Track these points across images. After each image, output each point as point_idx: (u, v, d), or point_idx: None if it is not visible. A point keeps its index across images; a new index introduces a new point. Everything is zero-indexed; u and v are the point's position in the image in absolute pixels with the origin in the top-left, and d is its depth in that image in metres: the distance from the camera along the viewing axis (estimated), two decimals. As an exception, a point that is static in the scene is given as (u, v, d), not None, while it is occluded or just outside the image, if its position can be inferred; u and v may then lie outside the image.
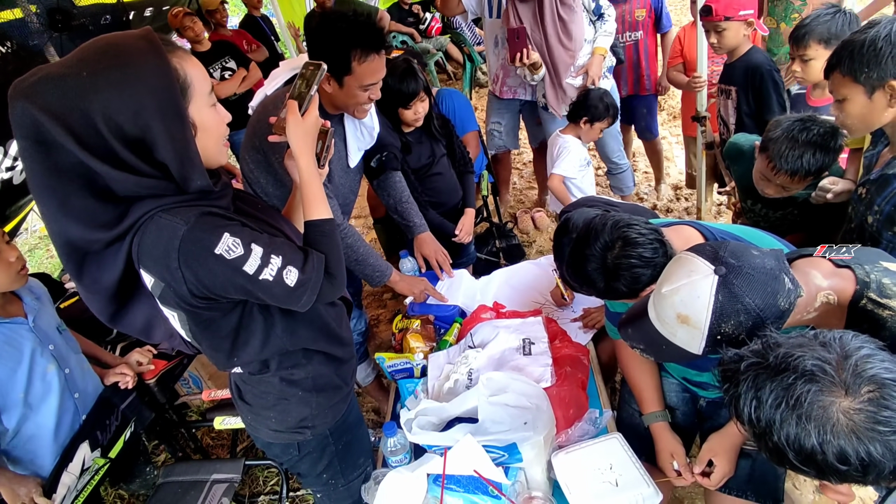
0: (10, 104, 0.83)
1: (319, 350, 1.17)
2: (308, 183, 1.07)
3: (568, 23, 2.52)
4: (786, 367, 0.74)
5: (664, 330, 0.98)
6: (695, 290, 0.92)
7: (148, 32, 0.89)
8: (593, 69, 2.62)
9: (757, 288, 0.88)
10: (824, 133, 1.52)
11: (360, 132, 1.79)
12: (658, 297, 0.99)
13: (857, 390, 0.70)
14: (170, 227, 0.88)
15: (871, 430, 0.68)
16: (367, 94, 1.58)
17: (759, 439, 0.78)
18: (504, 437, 1.31)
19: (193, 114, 0.91)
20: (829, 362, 0.73)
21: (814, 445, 0.71)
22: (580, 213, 1.64)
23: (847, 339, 0.75)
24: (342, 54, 1.49)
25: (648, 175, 3.98)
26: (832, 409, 0.70)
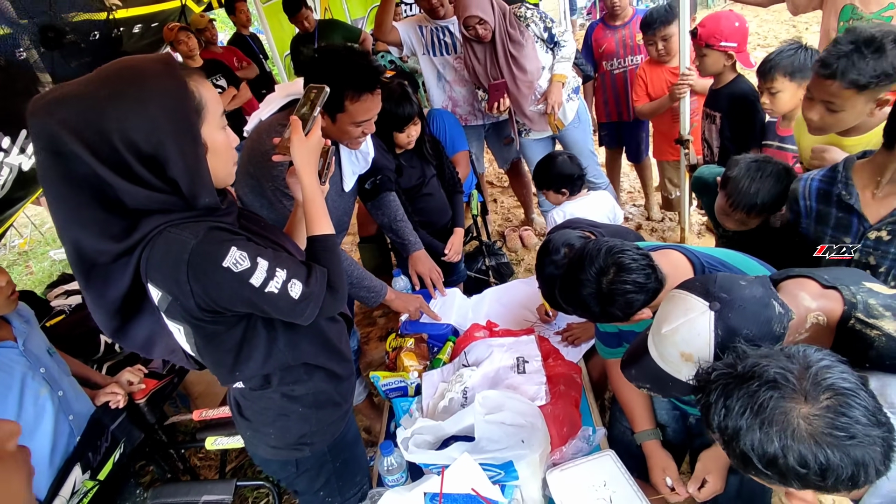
0: (28, 119, 0.86)
1: (320, 366, 1.18)
2: (311, 200, 1.10)
3: (518, 58, 2.66)
4: (752, 375, 0.79)
5: (669, 368, 1.01)
6: (694, 328, 0.95)
7: (167, 56, 0.93)
8: (552, 96, 2.72)
9: (751, 318, 0.92)
10: (777, 173, 1.58)
11: (354, 157, 1.82)
12: (658, 337, 1.02)
13: (817, 397, 0.74)
14: (179, 240, 0.90)
15: (829, 436, 0.72)
16: (361, 129, 1.60)
17: (728, 446, 0.81)
18: (500, 455, 1.33)
19: (206, 134, 0.94)
20: (792, 371, 0.77)
21: (776, 450, 0.74)
22: (561, 235, 1.69)
23: (810, 352, 0.79)
24: (335, 93, 1.49)
25: (633, 195, 4.07)
26: (793, 415, 0.74)
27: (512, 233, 3.84)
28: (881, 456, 0.72)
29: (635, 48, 3.09)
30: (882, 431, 0.73)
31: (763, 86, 1.86)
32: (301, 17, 4.27)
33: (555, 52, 2.75)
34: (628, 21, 3.09)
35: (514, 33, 2.63)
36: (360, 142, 1.70)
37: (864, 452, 0.71)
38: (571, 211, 2.17)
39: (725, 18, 2.17)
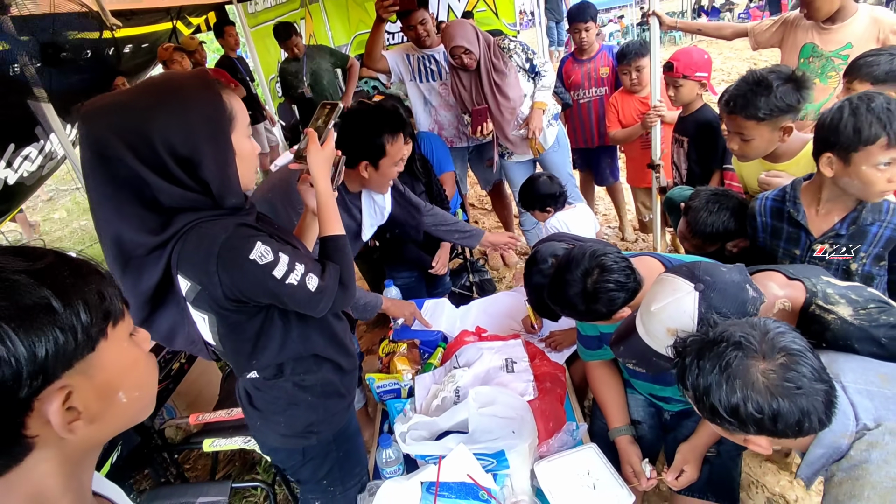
0: (79, 123, 0.98)
1: (328, 358, 1.28)
2: (324, 203, 1.22)
3: (502, 86, 2.85)
4: (720, 339, 0.94)
5: (654, 343, 1.14)
6: (680, 305, 1.09)
7: (203, 72, 1.05)
8: (533, 122, 2.90)
9: (729, 300, 1.06)
10: (733, 208, 1.76)
11: (374, 210, 2.00)
12: (647, 315, 1.16)
13: (773, 356, 0.90)
14: (211, 234, 1.01)
15: (781, 387, 0.87)
16: (396, 169, 1.84)
17: (699, 401, 0.95)
18: (493, 445, 1.43)
19: (235, 141, 1.06)
20: (753, 335, 0.92)
21: (738, 400, 0.89)
22: (547, 246, 1.83)
23: (768, 322, 0.95)
24: (377, 142, 1.74)
25: (608, 217, 4.27)
26: (753, 371, 0.89)
27: (493, 252, 3.96)
28: (823, 407, 0.86)
29: (599, 80, 3.32)
30: (825, 387, 0.87)
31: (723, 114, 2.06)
32: (291, 43, 4.42)
33: (536, 81, 2.95)
34: (594, 55, 3.31)
35: (498, 63, 2.82)
36: (390, 181, 1.91)
37: (808, 402, 0.86)
38: (564, 220, 2.33)
39: (696, 52, 2.39)
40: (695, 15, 13.45)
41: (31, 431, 0.49)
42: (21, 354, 0.46)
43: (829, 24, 2.22)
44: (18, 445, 0.49)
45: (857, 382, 0.95)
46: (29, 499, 0.52)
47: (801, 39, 2.29)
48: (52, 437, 0.51)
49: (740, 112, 1.64)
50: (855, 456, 0.90)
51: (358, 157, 1.79)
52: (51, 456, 0.52)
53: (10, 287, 0.47)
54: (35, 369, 0.47)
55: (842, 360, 1.01)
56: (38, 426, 0.49)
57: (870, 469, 0.87)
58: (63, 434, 0.51)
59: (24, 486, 0.51)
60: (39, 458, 0.51)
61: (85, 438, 0.54)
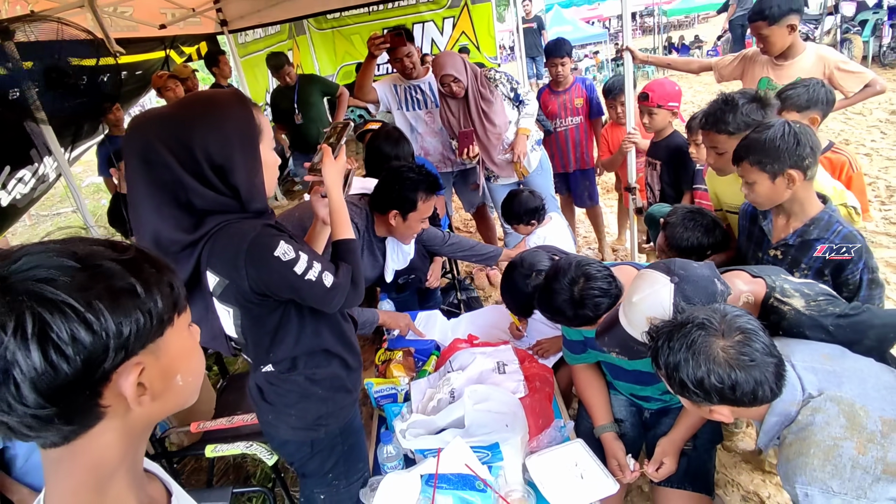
0: (129, 134, 1.11)
1: (337, 354, 1.38)
2: (337, 211, 1.34)
3: (489, 113, 3.05)
4: (687, 321, 1.09)
5: (635, 332, 1.28)
6: (658, 297, 1.23)
7: (236, 91, 1.18)
8: (517, 147, 3.10)
9: (701, 291, 1.21)
10: (707, 224, 1.94)
11: (397, 255, 2.19)
12: (629, 306, 1.30)
13: (731, 335, 1.05)
14: (240, 233, 1.13)
15: (738, 360, 1.02)
16: (423, 225, 2.08)
17: (670, 378, 1.10)
18: (488, 437, 1.54)
19: (261, 152, 1.18)
20: (714, 318, 1.07)
21: (703, 373, 1.04)
22: (531, 253, 1.98)
23: (727, 307, 1.10)
24: (411, 196, 1.98)
25: (588, 239, 4.46)
26: (714, 347, 1.04)
27: (480, 272, 4.12)
28: (773, 378, 1.01)
29: (574, 110, 3.55)
30: (774, 360, 1.02)
31: (690, 138, 2.26)
32: (284, 72, 4.59)
33: (520, 109, 3.14)
34: (569, 87, 3.54)
35: (485, 92, 3.01)
36: (414, 235, 2.13)
37: (761, 373, 1.00)
38: (544, 235, 2.51)
39: (668, 83, 2.61)
40: (666, 52, 14.15)
41: (106, 401, 0.55)
42: (111, 329, 0.52)
43: (782, 60, 2.47)
44: (92, 413, 0.55)
45: (804, 361, 1.10)
46: (90, 467, 0.58)
47: (759, 73, 2.54)
48: (119, 410, 0.57)
49: (712, 127, 1.84)
50: (802, 420, 1.04)
51: (391, 205, 2.01)
52: (115, 427, 0.58)
53: (105, 273, 0.54)
54: (119, 344, 0.53)
55: (793, 343, 1.16)
56: (111, 397, 0.56)
57: (814, 430, 1.02)
58: (133, 405, 0.57)
59: (87, 454, 0.58)
60: (105, 427, 0.57)
61: (146, 414, 0.61)
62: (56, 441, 0.55)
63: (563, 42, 3.50)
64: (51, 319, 0.49)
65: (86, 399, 0.54)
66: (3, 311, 0.48)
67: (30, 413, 0.51)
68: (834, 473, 0.98)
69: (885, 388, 1.04)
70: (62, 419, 0.53)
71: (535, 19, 10.02)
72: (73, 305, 0.50)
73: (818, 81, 1.98)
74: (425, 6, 7.09)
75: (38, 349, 0.48)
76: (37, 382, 0.49)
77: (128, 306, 0.54)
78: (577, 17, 14.76)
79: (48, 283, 0.50)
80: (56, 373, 0.50)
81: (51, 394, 0.50)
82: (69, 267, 0.52)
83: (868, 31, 8.47)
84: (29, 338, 0.48)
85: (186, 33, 5.05)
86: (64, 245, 0.54)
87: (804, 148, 1.46)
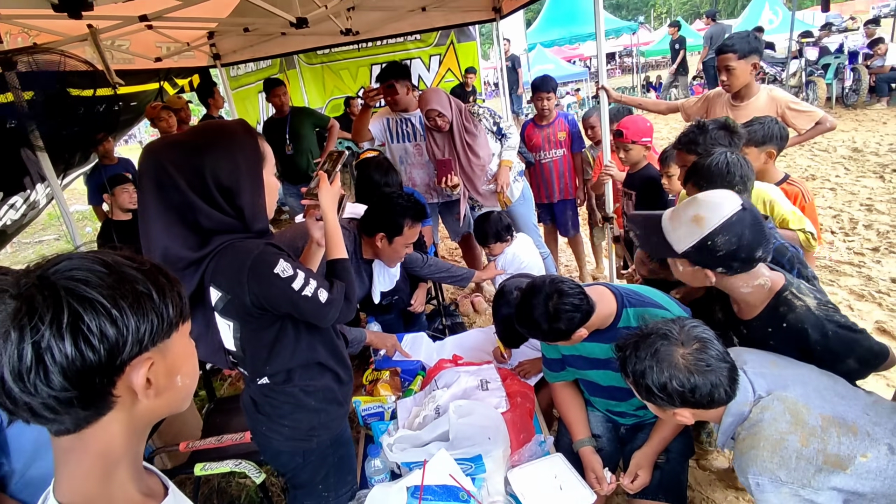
0: (144, 158, 1.21)
1: (330, 368, 1.46)
2: (332, 232, 1.44)
3: (473, 146, 3.22)
4: (651, 332, 1.21)
5: (670, 224, 1.36)
6: (721, 204, 1.29)
7: (243, 121, 1.30)
8: (500, 178, 3.27)
9: (756, 231, 1.28)
10: None
11: (383, 277, 2.31)
12: (690, 200, 1.36)
13: (689, 343, 1.17)
14: (244, 250, 1.23)
15: (696, 366, 1.14)
16: (407, 250, 2.22)
17: (637, 384, 1.21)
18: (471, 450, 1.61)
19: (264, 176, 1.29)
20: (674, 329, 1.20)
21: (665, 378, 1.15)
22: (513, 281, 2.10)
23: (685, 319, 1.23)
24: (399, 221, 2.13)
25: (569, 267, 4.60)
26: (675, 355, 1.16)
27: (464, 299, 4.22)
28: (727, 381, 1.13)
29: (557, 143, 3.74)
30: (727, 366, 1.15)
31: (662, 170, 2.43)
32: (279, 91, 4.71)
33: (502, 142, 3.31)
34: (552, 121, 3.74)
35: (469, 126, 3.17)
36: (399, 260, 2.27)
37: (716, 377, 1.12)
38: (514, 252, 2.79)
39: (640, 120, 2.79)
40: (644, 90, 14.74)
41: (117, 392, 0.62)
42: (131, 326, 0.60)
43: (738, 101, 2.71)
44: (104, 401, 0.62)
45: (754, 367, 1.22)
46: (98, 455, 0.65)
47: (719, 112, 2.77)
48: (127, 402, 0.64)
49: (685, 148, 2.05)
50: (753, 417, 1.16)
51: (379, 228, 2.14)
52: (121, 419, 0.65)
53: (129, 278, 0.62)
54: (136, 339, 0.61)
55: (745, 353, 1.29)
56: (122, 388, 0.63)
57: (763, 426, 1.13)
58: (141, 397, 0.65)
59: (95, 443, 0.64)
60: (113, 418, 0.64)
61: (148, 409, 0.68)
62: (69, 427, 0.62)
63: (549, 78, 3.73)
64: (84, 313, 0.57)
65: (103, 386, 0.61)
66: (43, 305, 0.56)
67: (53, 395, 0.58)
68: (781, 464, 1.08)
69: (825, 389, 1.16)
70: (80, 403, 0.60)
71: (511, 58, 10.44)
72: (103, 303, 0.58)
73: (772, 119, 2.18)
74: (413, 44, 7.37)
75: (70, 338, 0.56)
76: (65, 368, 0.56)
77: (146, 307, 0.62)
78: (559, 56, 15.36)
79: (83, 282, 0.58)
80: (83, 360, 0.57)
81: (75, 379, 0.57)
82: (100, 271, 0.60)
83: (831, 74, 8.98)
84: (63, 328, 0.56)
85: (180, 66, 5.20)
86: (96, 254, 0.63)
87: (733, 176, 1.67)
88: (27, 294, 0.57)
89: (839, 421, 1.12)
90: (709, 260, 1.31)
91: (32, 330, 0.55)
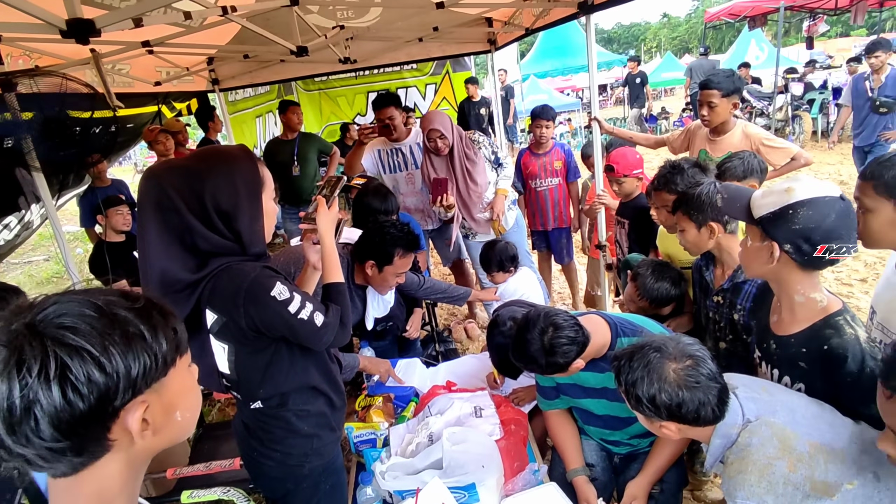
0: (145, 182, 1.22)
1: (324, 392, 1.45)
2: (329, 256, 1.45)
3: (472, 172, 3.26)
4: (646, 345, 1.24)
5: (760, 194, 1.30)
6: (819, 185, 1.23)
7: (244, 146, 1.32)
8: (496, 206, 3.31)
9: (843, 222, 1.21)
10: (673, 278, 2.12)
11: (377, 303, 2.33)
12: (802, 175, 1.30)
13: (682, 360, 1.20)
14: (241, 273, 1.23)
15: (685, 382, 1.17)
16: (397, 279, 2.21)
17: (628, 393, 1.23)
18: (465, 478, 1.59)
19: (263, 201, 1.30)
20: (668, 344, 1.23)
21: (655, 390, 1.18)
22: (507, 310, 2.11)
23: (682, 337, 1.25)
24: (389, 250, 2.13)
25: (562, 295, 4.62)
26: (667, 368, 1.19)
27: (458, 325, 4.21)
28: (716, 401, 1.17)
29: (553, 172, 3.79)
30: (718, 386, 1.19)
31: (650, 203, 2.47)
32: (297, 110, 4.78)
33: (498, 171, 3.36)
34: (549, 150, 3.80)
35: (470, 153, 3.22)
36: (390, 289, 2.28)
37: (704, 395, 1.16)
38: (515, 286, 2.72)
39: (630, 153, 2.84)
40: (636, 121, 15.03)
41: (113, 436, 0.61)
42: (121, 371, 0.58)
43: (715, 136, 2.81)
44: (101, 446, 0.61)
45: (745, 391, 1.24)
46: (94, 494, 0.63)
47: (699, 146, 2.89)
48: (124, 443, 0.62)
49: (663, 188, 2.07)
50: (741, 441, 1.18)
51: (369, 256, 2.15)
52: (119, 458, 0.63)
53: (119, 320, 0.60)
54: (128, 384, 0.59)
55: (737, 378, 1.31)
56: (118, 432, 0.61)
57: (752, 451, 1.15)
58: (137, 439, 0.62)
59: (91, 483, 0.62)
60: (111, 459, 0.62)
61: (147, 447, 0.66)
62: (66, 471, 0.61)
63: (549, 108, 3.82)
64: (70, 363, 0.56)
65: (96, 433, 0.60)
66: (30, 355, 0.55)
67: (45, 446, 0.56)
68: (769, 489, 1.09)
69: (813, 417, 1.18)
70: (74, 451, 0.59)
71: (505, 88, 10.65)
72: (91, 351, 0.57)
73: (750, 153, 2.27)
74: (409, 73, 7.51)
75: (58, 388, 0.55)
76: (54, 418, 0.55)
77: (137, 349, 0.60)
78: (552, 87, 15.67)
79: (71, 330, 0.57)
80: (72, 409, 0.56)
81: (66, 428, 0.56)
82: (90, 315, 0.59)
83: (816, 109, 9.22)
84: (51, 378, 0.55)
85: (179, 90, 5.26)
86: (85, 296, 0.62)
87: None
88: (16, 344, 0.56)
89: (827, 448, 1.13)
90: (782, 231, 1.24)
91: (21, 381, 0.54)
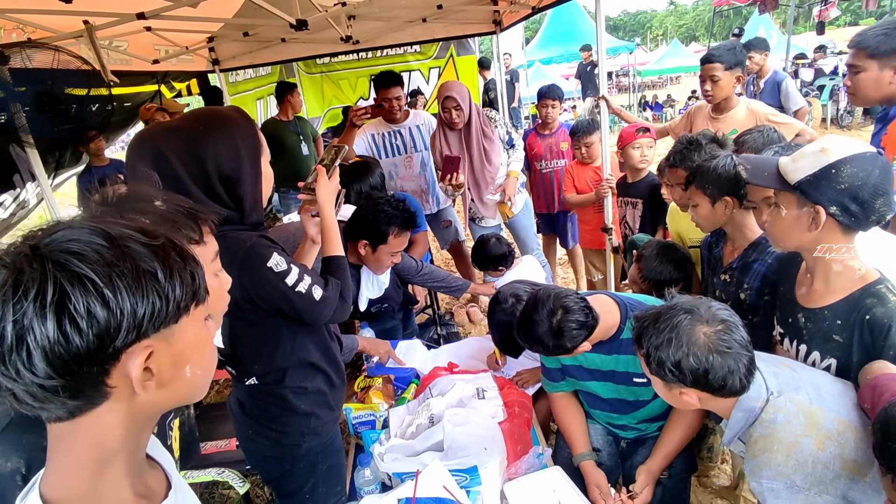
0: (138, 144, 1.13)
1: (322, 369, 1.39)
2: (329, 227, 1.39)
3: (489, 151, 3.16)
4: (674, 307, 1.16)
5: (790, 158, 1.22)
6: (854, 142, 1.16)
7: (239, 108, 1.25)
8: (508, 189, 3.22)
9: (886, 176, 1.13)
10: (679, 259, 2.04)
11: (371, 284, 2.23)
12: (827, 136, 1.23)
13: (714, 323, 1.13)
14: (236, 242, 1.17)
15: (717, 346, 1.09)
16: (392, 259, 2.11)
17: (649, 357, 1.16)
18: (467, 461, 1.53)
19: (262, 165, 1.24)
20: (700, 307, 1.15)
21: (682, 354, 1.11)
22: (509, 286, 2.04)
23: (712, 301, 1.18)
24: (383, 229, 2.01)
25: (566, 280, 4.55)
26: (697, 331, 1.12)
27: (459, 309, 4.15)
28: (745, 370, 1.10)
29: (559, 153, 3.71)
30: (749, 355, 1.11)
31: (662, 180, 2.39)
32: (296, 92, 4.80)
33: (510, 152, 3.27)
34: (555, 131, 3.73)
35: (488, 130, 3.13)
36: (386, 269, 2.18)
37: (734, 362, 1.09)
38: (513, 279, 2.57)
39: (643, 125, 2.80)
40: (641, 109, 14.87)
41: (112, 381, 0.56)
42: (125, 308, 0.53)
43: (718, 113, 2.72)
44: (98, 391, 0.55)
45: (768, 366, 1.18)
46: (90, 446, 0.59)
47: (701, 125, 2.79)
48: (125, 393, 0.58)
49: (679, 164, 1.97)
50: (766, 418, 1.11)
51: (362, 235, 2.03)
52: (119, 409, 0.58)
53: (131, 253, 0.55)
54: (132, 324, 0.54)
55: (757, 353, 1.23)
56: (118, 378, 0.56)
57: (777, 428, 1.08)
58: (138, 389, 0.57)
59: (89, 433, 0.58)
60: (109, 409, 0.58)
61: (151, 401, 0.61)
62: (61, 415, 0.56)
63: (556, 87, 3.75)
64: (70, 291, 0.50)
65: (93, 375, 0.54)
66: (29, 278, 0.50)
67: (36, 382, 0.51)
68: (797, 468, 1.02)
69: (839, 394, 1.12)
70: (67, 393, 0.53)
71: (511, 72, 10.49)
72: (94, 280, 0.51)
73: (770, 127, 2.16)
74: (413, 56, 7.38)
75: (53, 318, 0.50)
76: (48, 352, 0.50)
77: (146, 287, 0.55)
78: (558, 74, 15.48)
79: (77, 256, 0.52)
80: (68, 344, 0.51)
81: (60, 365, 0.51)
82: (100, 244, 0.53)
83: (826, 96, 9.07)
84: (47, 306, 0.50)
85: (178, 69, 5.17)
86: (102, 224, 0.56)
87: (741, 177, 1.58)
88: (17, 265, 0.50)
89: (855, 426, 1.07)
90: (826, 193, 1.15)
91: (16, 306, 0.49)
